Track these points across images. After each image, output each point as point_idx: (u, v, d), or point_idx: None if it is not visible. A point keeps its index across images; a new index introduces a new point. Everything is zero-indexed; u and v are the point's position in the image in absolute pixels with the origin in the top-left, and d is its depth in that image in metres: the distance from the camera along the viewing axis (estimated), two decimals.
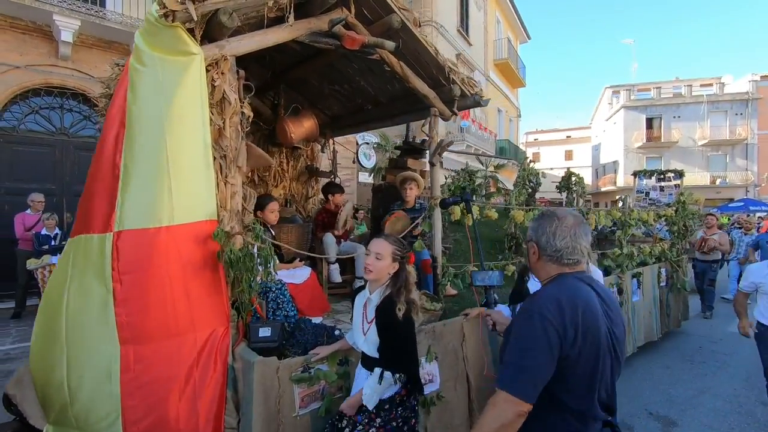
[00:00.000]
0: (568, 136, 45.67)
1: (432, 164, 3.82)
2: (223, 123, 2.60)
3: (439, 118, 3.97)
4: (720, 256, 8.07)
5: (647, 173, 9.79)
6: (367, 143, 14.95)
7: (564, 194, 6.98)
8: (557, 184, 7.18)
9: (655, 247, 5.93)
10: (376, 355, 2.06)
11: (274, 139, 4.58)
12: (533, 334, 1.37)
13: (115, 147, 2.37)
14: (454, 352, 3.38)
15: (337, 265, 4.17)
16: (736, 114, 31.47)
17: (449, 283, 3.75)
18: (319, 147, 5.12)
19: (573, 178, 6.74)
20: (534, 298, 1.52)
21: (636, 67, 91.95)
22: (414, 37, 3.45)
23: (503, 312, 3.48)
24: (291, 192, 5.03)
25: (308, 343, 2.75)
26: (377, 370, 2.03)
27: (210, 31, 2.58)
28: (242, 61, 4.25)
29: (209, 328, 2.46)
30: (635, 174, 9.97)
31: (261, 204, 3.49)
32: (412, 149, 4.70)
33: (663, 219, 6.32)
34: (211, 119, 2.54)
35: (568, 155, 44.28)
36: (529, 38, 29.69)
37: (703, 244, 7.69)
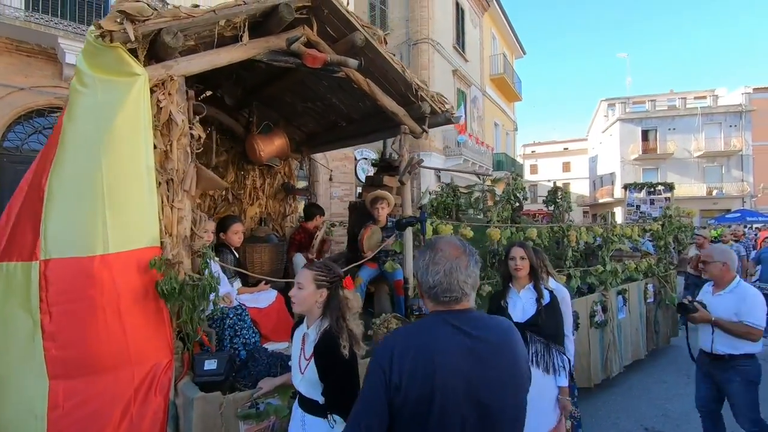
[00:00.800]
0: (565, 148, 45.50)
1: (402, 183, 3.66)
2: (170, 145, 2.45)
3: (410, 136, 3.81)
4: None
5: (637, 186, 9.58)
6: (366, 158, 14.81)
7: (551, 208, 6.79)
8: (544, 198, 7.01)
9: (642, 263, 5.70)
10: (315, 397, 1.85)
11: (249, 157, 4.44)
12: (368, 379, 1.27)
13: (43, 169, 2.22)
14: None
15: None
16: (731, 126, 31.27)
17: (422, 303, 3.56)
18: (297, 164, 4.98)
19: (559, 192, 6.55)
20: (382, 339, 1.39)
21: (630, 81, 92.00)
22: (379, 55, 3.31)
23: None
24: (267, 210, 4.87)
25: (260, 374, 2.56)
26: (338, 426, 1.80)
27: (156, 50, 2.45)
28: (215, 79, 4.16)
29: (150, 361, 2.28)
30: (625, 187, 9.75)
31: (223, 225, 3.33)
32: (388, 166, 4.53)
33: (649, 233, 6.10)
34: (156, 142, 2.40)
35: (566, 167, 44.08)
36: (524, 53, 29.74)
37: (699, 264, 7.44)
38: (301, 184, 5.62)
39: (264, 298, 3.39)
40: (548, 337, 2.66)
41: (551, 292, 2.82)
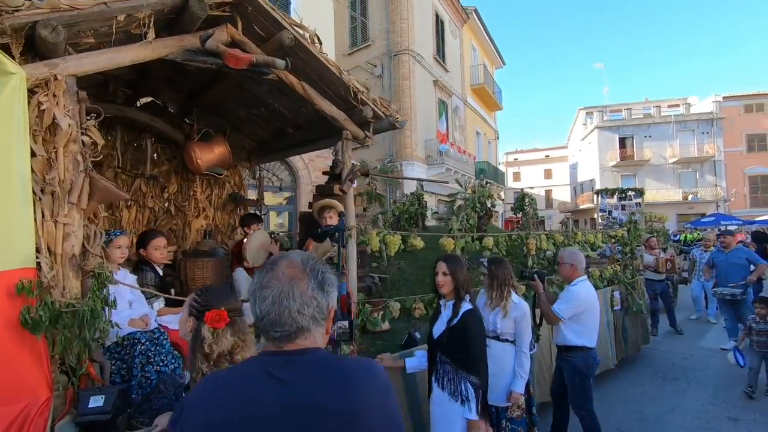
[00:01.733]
0: (546, 156, 45.67)
1: (343, 192, 3.36)
2: (54, 152, 2.13)
3: (357, 142, 3.53)
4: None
5: (609, 192, 9.38)
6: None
7: (519, 215, 6.55)
8: (512, 205, 6.78)
9: (606, 270, 5.44)
10: None
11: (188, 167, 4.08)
12: None
13: None
14: None
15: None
16: (703, 133, 31.62)
17: (365, 321, 3.25)
18: (247, 173, 4.65)
19: (527, 199, 6.32)
20: None
21: (607, 90, 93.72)
22: (312, 56, 3.03)
23: (415, 359, 3.00)
24: (215, 222, 4.52)
25: (163, 408, 2.22)
26: None
27: (39, 47, 2.13)
28: (152, 84, 3.85)
29: (21, 401, 1.93)
30: (598, 193, 9.55)
31: (143, 240, 2.99)
32: (339, 174, 4.23)
33: (613, 240, 5.85)
34: (36, 149, 2.08)
35: (548, 174, 44.21)
36: (504, 64, 29.84)
37: (668, 263, 7.24)
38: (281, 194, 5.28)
39: None
40: (455, 361, 2.46)
41: (467, 312, 2.56)
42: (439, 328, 2.61)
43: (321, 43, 3.11)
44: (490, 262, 3.19)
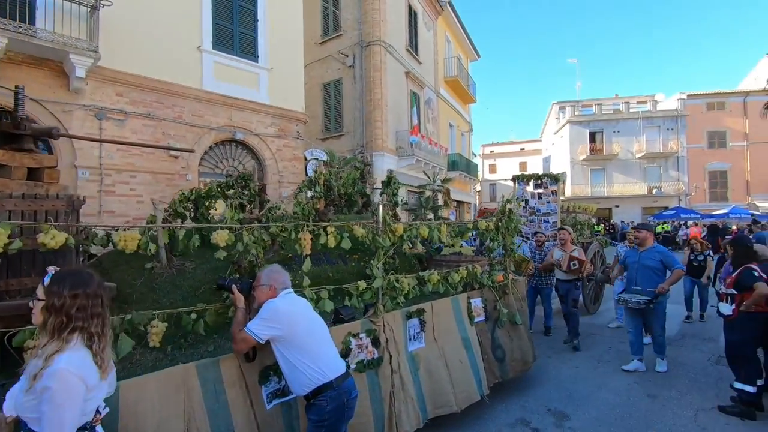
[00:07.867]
0: (522, 149, 43.33)
1: None
2: None
3: None
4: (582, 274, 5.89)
5: (525, 178, 7.55)
6: (316, 159, 12.89)
7: (383, 199, 4.78)
8: (381, 190, 5.04)
9: (459, 272, 3.71)
10: None
11: None
12: None
13: None
14: None
15: None
16: (668, 129, 29.55)
17: None
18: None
19: (392, 182, 4.58)
20: None
21: (580, 85, 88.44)
22: None
23: None
24: None
25: None
26: None
27: None
28: None
29: None
30: (514, 179, 7.69)
31: None
32: (6, 135, 2.54)
33: (472, 234, 4.10)
34: None
35: (523, 166, 41.94)
36: (479, 57, 27.58)
37: (571, 264, 5.54)
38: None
39: None
40: None
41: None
42: None
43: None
44: (52, 281, 1.47)
